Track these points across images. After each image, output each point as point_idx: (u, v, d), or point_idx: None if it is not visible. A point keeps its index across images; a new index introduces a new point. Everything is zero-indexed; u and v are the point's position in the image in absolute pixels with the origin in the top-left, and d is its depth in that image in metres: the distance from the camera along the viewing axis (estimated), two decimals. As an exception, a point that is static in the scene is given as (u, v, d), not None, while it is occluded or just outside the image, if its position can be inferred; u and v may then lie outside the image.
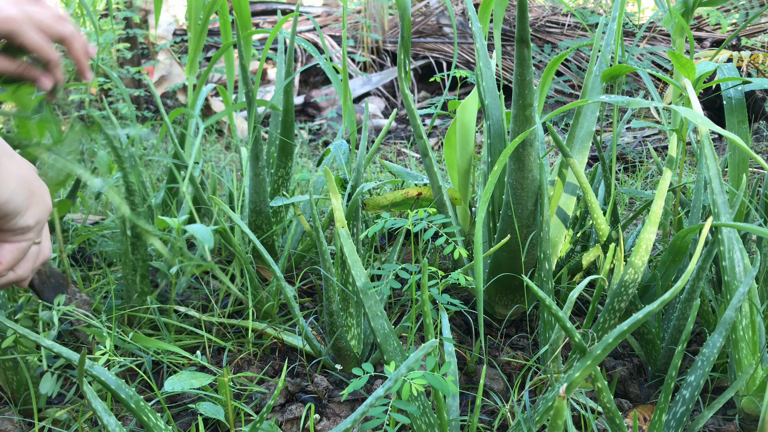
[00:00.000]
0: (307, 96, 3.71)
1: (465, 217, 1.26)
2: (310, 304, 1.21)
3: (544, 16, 3.84)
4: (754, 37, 3.33)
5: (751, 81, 1.06)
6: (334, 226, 1.43)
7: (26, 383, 0.87)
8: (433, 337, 0.69)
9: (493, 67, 1.09)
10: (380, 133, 1.23)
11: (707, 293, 0.99)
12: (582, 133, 1.07)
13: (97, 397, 0.67)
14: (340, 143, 1.28)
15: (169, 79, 3.36)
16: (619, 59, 1.07)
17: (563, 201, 1.09)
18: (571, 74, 3.52)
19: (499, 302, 1.12)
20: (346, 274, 0.95)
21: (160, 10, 1.42)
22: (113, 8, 3.11)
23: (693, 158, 2.21)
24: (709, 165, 0.85)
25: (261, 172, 1.20)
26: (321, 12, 4.41)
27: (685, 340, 0.71)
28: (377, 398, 0.60)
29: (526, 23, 0.83)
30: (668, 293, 0.61)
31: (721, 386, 0.96)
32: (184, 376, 0.83)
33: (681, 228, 1.16)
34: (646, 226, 0.86)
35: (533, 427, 0.67)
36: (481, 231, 0.82)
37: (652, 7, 4.12)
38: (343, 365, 0.98)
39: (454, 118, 1.25)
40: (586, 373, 0.62)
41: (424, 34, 4.02)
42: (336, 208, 0.86)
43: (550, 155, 2.35)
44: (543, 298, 0.68)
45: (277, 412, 0.88)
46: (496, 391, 0.94)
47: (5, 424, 0.84)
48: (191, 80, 1.40)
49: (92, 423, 0.85)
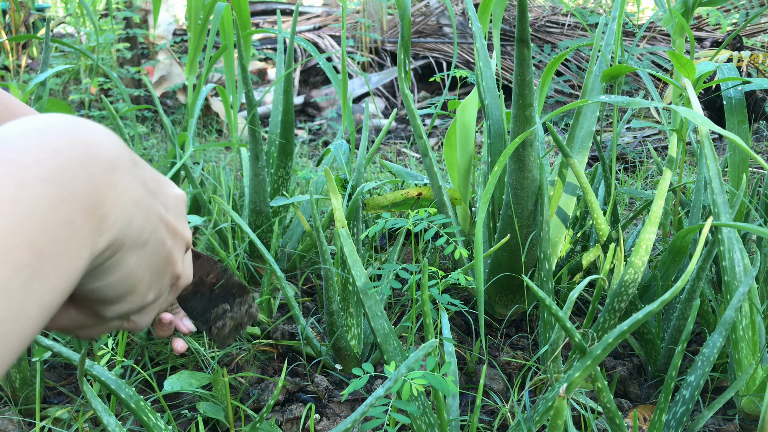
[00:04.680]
0: (307, 96, 3.71)
1: (465, 217, 1.26)
2: (310, 304, 1.21)
3: (544, 16, 3.83)
4: (754, 37, 3.33)
5: (751, 81, 1.06)
6: (334, 226, 1.43)
7: (28, 381, 0.86)
8: (433, 337, 0.69)
9: (493, 67, 1.09)
10: (380, 133, 1.23)
11: (707, 293, 0.99)
12: (582, 133, 1.07)
13: (97, 397, 0.67)
14: (340, 143, 1.28)
15: (169, 79, 3.36)
16: (619, 59, 1.07)
17: (563, 201, 1.09)
18: (571, 74, 3.52)
19: (499, 302, 1.12)
20: (346, 274, 0.95)
21: (158, 9, 1.42)
22: (113, 8, 3.11)
23: (693, 158, 2.21)
24: (709, 165, 0.85)
25: (261, 172, 1.20)
26: (321, 12, 4.41)
27: (685, 340, 0.71)
28: (377, 398, 0.60)
29: (526, 23, 0.83)
30: (668, 293, 0.61)
31: (721, 386, 0.96)
32: (184, 376, 0.83)
33: (681, 228, 1.16)
34: (646, 226, 0.86)
35: (533, 427, 0.67)
36: (482, 231, 0.82)
37: (652, 7, 4.12)
38: (343, 365, 0.98)
39: (454, 118, 1.25)
40: (586, 373, 0.62)
41: (424, 34, 4.02)
42: (336, 208, 0.86)
43: (550, 155, 2.35)
44: (543, 298, 0.68)
45: (277, 411, 0.88)
46: (496, 391, 0.94)
47: (5, 424, 0.84)
48: (191, 80, 1.40)
49: (93, 423, 0.85)
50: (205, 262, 0.74)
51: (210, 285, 0.73)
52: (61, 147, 0.30)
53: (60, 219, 0.29)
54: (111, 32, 2.61)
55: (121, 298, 0.40)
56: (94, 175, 0.31)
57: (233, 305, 0.75)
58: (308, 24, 4.21)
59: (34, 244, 0.27)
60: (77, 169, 0.30)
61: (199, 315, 0.74)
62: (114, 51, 2.94)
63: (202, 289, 0.73)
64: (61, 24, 3.39)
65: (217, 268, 0.74)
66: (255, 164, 1.19)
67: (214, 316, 0.74)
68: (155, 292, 0.44)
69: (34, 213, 0.28)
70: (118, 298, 0.40)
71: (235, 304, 0.75)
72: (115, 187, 0.33)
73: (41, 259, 0.28)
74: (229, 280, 0.74)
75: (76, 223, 0.30)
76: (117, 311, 0.42)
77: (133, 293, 0.41)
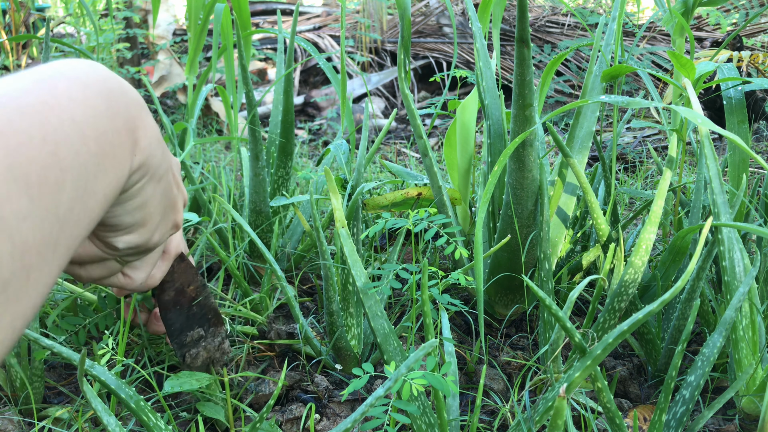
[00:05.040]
0: (307, 96, 3.71)
1: (465, 217, 1.26)
2: (310, 304, 1.21)
3: (544, 16, 3.83)
4: (754, 37, 3.33)
5: (751, 81, 1.06)
6: (334, 226, 1.43)
7: (28, 381, 0.86)
8: (433, 337, 0.69)
9: (493, 66, 1.09)
10: (380, 133, 1.23)
11: (707, 293, 0.99)
12: (582, 133, 1.07)
13: (97, 397, 0.67)
14: (340, 143, 1.28)
15: (169, 79, 3.36)
16: (619, 59, 1.07)
17: (563, 201, 1.09)
18: (571, 74, 3.52)
19: (499, 302, 1.12)
20: (346, 274, 0.95)
21: (158, 9, 1.42)
22: (113, 8, 3.11)
23: (693, 158, 2.21)
24: (709, 165, 0.85)
25: (261, 172, 1.20)
26: (321, 12, 4.41)
27: (685, 340, 0.71)
28: (377, 398, 0.60)
29: (526, 23, 0.83)
30: (668, 293, 0.61)
31: (721, 386, 0.96)
32: (184, 376, 0.83)
33: (681, 228, 1.16)
34: (646, 226, 0.86)
35: (533, 427, 0.67)
36: (482, 231, 0.82)
37: (652, 7, 4.12)
38: (343, 365, 0.98)
39: (454, 118, 1.25)
40: (586, 373, 0.62)
41: (424, 34, 4.02)
42: (336, 208, 0.86)
43: (550, 155, 2.35)
44: (543, 298, 0.68)
45: (277, 411, 0.88)
46: (496, 391, 0.94)
47: (5, 424, 0.84)
48: (191, 80, 1.40)
49: (93, 423, 0.85)
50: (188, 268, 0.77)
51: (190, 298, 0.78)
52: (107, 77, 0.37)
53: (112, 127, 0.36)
54: (111, 32, 2.61)
55: (133, 228, 0.47)
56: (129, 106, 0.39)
57: (207, 333, 0.79)
58: (308, 24, 4.22)
59: (99, 140, 0.34)
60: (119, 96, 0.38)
61: (176, 333, 0.79)
62: (114, 51, 2.94)
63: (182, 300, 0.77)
64: (61, 24, 3.39)
65: (198, 281, 0.79)
66: (255, 164, 1.19)
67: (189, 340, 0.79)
68: (159, 235, 0.51)
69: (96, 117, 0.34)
70: (131, 227, 0.47)
71: (209, 333, 0.80)
72: (143, 120, 0.41)
73: (104, 153, 0.34)
74: (206, 299, 0.80)
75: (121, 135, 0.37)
76: (126, 241, 0.49)
77: (144, 225, 0.48)
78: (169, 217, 0.52)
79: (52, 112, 0.31)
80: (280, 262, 1.31)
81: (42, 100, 0.31)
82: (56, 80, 0.33)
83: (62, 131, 0.31)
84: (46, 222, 0.29)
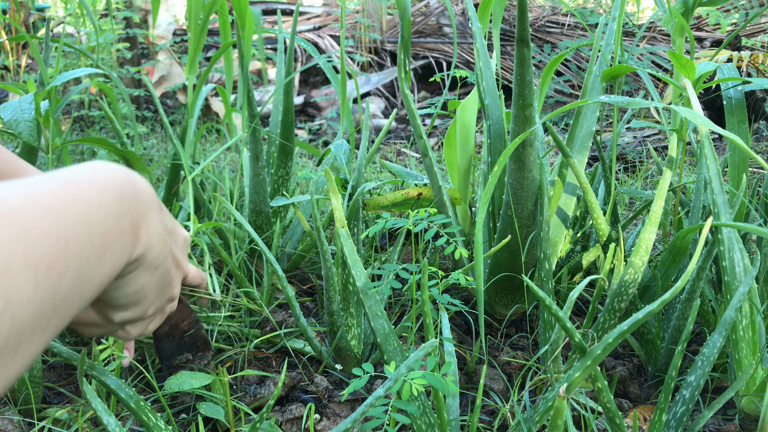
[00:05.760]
0: (307, 96, 3.70)
1: (465, 217, 1.26)
2: (310, 304, 1.21)
3: (544, 16, 3.83)
4: (754, 37, 3.33)
5: (751, 81, 1.06)
6: (334, 226, 1.43)
7: (28, 381, 0.86)
8: (433, 337, 0.69)
9: (493, 66, 1.09)
10: (380, 133, 1.23)
11: (707, 293, 0.99)
12: (582, 133, 1.07)
13: (97, 397, 0.67)
14: (341, 143, 1.28)
15: (169, 79, 3.36)
16: (619, 59, 1.07)
17: (563, 201, 1.09)
18: (571, 74, 3.52)
19: (499, 302, 1.12)
20: (346, 274, 0.95)
21: (157, 9, 1.42)
22: (113, 8, 3.11)
23: (693, 158, 2.21)
24: (709, 165, 0.85)
25: (261, 172, 1.20)
26: (321, 12, 4.41)
27: (685, 340, 0.71)
28: (377, 398, 0.60)
29: (526, 23, 0.83)
30: (668, 293, 0.61)
31: (721, 386, 0.96)
32: (184, 376, 0.83)
33: (681, 228, 1.16)
34: (646, 226, 0.86)
35: (533, 427, 0.67)
36: (482, 231, 0.82)
37: (652, 7, 4.12)
38: (343, 365, 0.98)
39: (454, 118, 1.25)
40: (586, 373, 0.62)
41: (424, 34, 4.02)
42: (336, 208, 0.86)
43: (550, 155, 2.35)
44: (543, 298, 0.68)
45: (277, 411, 0.88)
46: (496, 391, 0.94)
47: (5, 424, 0.84)
48: (191, 80, 1.40)
49: (93, 423, 0.85)
50: (184, 308, 0.87)
51: (182, 331, 0.87)
52: (123, 182, 0.44)
53: (118, 226, 0.42)
54: (111, 32, 2.61)
55: (128, 307, 0.53)
56: (138, 207, 0.45)
57: (195, 357, 0.89)
58: (308, 24, 4.21)
59: (104, 236, 0.40)
60: (131, 199, 0.44)
61: (166, 357, 0.87)
62: (114, 51, 2.94)
63: (175, 333, 0.87)
64: (61, 24, 3.39)
65: (191, 318, 0.87)
66: (255, 164, 1.19)
67: (178, 363, 0.88)
68: (154, 308, 0.57)
69: (106, 218, 0.40)
70: (127, 306, 0.53)
71: (197, 357, 0.89)
72: (148, 220, 0.47)
73: (106, 247, 0.40)
74: (198, 331, 0.88)
75: (125, 233, 0.43)
76: (122, 317, 0.54)
77: (138, 305, 0.54)
78: (165, 293, 0.57)
79: (70, 215, 0.36)
80: (280, 262, 1.31)
81: (65, 201, 0.36)
82: (80, 184, 0.39)
83: (75, 230, 0.36)
84: (44, 305, 0.33)
